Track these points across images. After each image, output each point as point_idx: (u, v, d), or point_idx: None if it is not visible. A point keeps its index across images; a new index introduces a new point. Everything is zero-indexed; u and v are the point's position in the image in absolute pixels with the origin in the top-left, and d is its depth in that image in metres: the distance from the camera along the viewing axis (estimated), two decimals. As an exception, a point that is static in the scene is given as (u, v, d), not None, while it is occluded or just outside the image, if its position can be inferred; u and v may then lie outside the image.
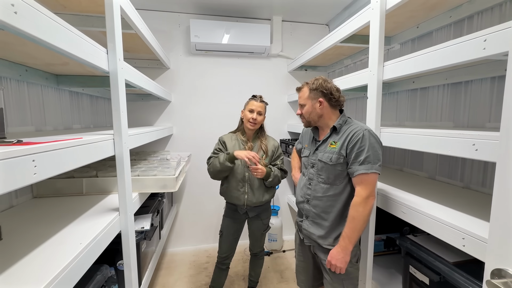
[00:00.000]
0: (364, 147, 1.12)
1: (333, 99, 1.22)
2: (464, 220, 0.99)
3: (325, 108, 1.23)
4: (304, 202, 1.30)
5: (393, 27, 1.70)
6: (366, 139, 1.12)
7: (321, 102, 1.22)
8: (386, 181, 1.56)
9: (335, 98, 1.22)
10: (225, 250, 1.76)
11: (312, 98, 1.25)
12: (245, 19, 2.66)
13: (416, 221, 1.11)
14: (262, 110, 1.66)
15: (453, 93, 1.46)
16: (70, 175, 1.38)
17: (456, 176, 1.47)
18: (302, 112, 1.30)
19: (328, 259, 1.17)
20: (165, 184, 1.43)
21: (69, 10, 1.38)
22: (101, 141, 0.94)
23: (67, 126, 1.64)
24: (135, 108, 2.56)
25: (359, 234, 1.13)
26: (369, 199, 1.11)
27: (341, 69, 2.67)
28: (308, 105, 1.27)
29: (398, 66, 1.19)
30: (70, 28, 0.77)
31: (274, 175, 1.62)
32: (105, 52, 1.00)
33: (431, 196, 1.27)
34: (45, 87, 1.43)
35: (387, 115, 1.97)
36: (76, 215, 1.10)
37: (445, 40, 1.49)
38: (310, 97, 1.26)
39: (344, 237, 1.13)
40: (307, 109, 1.27)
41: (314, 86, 1.24)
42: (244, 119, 1.68)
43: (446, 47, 0.97)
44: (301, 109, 1.30)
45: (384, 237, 1.66)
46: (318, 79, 1.25)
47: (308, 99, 1.26)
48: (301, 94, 1.30)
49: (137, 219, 1.46)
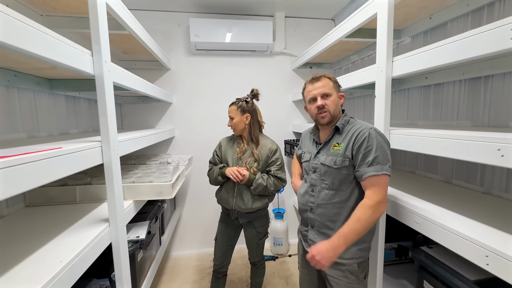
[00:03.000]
0: (372, 147, 1.01)
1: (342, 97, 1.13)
2: (488, 233, 0.87)
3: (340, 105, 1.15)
4: (307, 210, 1.20)
5: (403, 18, 1.58)
6: (373, 138, 1.02)
7: (342, 96, 1.13)
8: (397, 186, 1.45)
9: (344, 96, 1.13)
10: (219, 257, 1.71)
11: (337, 90, 1.14)
12: (246, 16, 2.57)
13: (432, 233, 1.00)
14: (232, 114, 1.60)
15: (471, 90, 1.33)
16: (64, 183, 1.34)
17: (475, 180, 1.34)
18: (327, 103, 1.10)
19: (313, 252, 1.01)
20: (161, 191, 1.37)
21: (59, 12, 1.33)
22: (85, 150, 0.87)
23: (63, 131, 1.60)
24: (136, 111, 2.52)
25: (357, 238, 1.00)
26: (381, 205, 1.00)
27: (348, 65, 2.54)
28: (334, 96, 1.12)
29: (409, 61, 1.08)
30: (43, 30, 0.71)
31: (257, 183, 1.53)
32: (90, 54, 0.94)
33: (447, 203, 1.15)
34: (38, 92, 1.39)
35: (397, 114, 1.85)
36: (65, 226, 1.05)
37: (461, 31, 1.36)
38: (336, 88, 1.14)
39: (341, 235, 0.99)
40: (334, 100, 1.11)
41: (334, 79, 1.14)
42: None
43: (464, 38, 0.86)
44: (326, 99, 1.10)
45: (396, 246, 1.54)
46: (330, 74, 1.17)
47: (334, 89, 1.12)
48: (325, 83, 1.11)
49: (133, 228, 1.40)
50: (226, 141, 1.71)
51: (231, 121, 1.60)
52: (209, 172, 1.67)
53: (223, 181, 1.62)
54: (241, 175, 1.50)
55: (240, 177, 1.50)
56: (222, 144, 1.71)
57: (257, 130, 1.64)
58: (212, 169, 1.65)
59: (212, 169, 1.66)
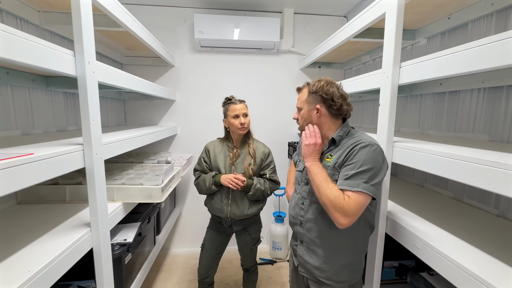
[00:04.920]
0: (359, 161, 0.92)
1: (333, 107, 1.02)
2: (497, 270, 0.77)
3: (323, 116, 1.05)
4: (297, 224, 1.13)
5: (418, 18, 1.44)
6: (365, 153, 0.93)
7: (318, 109, 1.04)
8: (401, 200, 1.34)
9: (336, 106, 1.02)
10: (205, 266, 1.62)
11: (309, 103, 1.08)
12: (253, 12, 2.48)
13: (433, 262, 0.90)
14: (246, 111, 1.54)
15: (491, 100, 1.19)
16: (55, 181, 1.34)
17: (489, 200, 1.21)
18: (299, 116, 1.14)
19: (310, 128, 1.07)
20: (150, 194, 1.34)
21: (54, 8, 1.31)
22: (62, 155, 0.84)
23: (61, 128, 1.60)
24: (140, 107, 2.52)
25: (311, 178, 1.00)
26: (346, 219, 0.88)
27: (358, 66, 2.40)
28: (304, 110, 1.10)
29: (418, 68, 0.97)
30: (9, 30, 0.67)
31: (256, 188, 1.48)
32: (72, 55, 0.90)
33: (455, 226, 1.04)
34: (33, 89, 1.39)
35: (408, 121, 1.71)
36: (48, 227, 1.04)
37: (484, 34, 1.22)
38: (308, 101, 1.08)
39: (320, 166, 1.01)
40: (303, 114, 1.11)
41: (314, 88, 1.05)
42: (230, 128, 1.55)
43: (482, 45, 0.73)
44: (298, 113, 1.15)
45: (396, 264, 1.44)
46: (321, 80, 1.07)
47: (305, 102, 1.10)
48: (299, 96, 1.15)
49: (122, 229, 1.39)
50: (214, 146, 1.61)
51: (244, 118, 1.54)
52: (198, 181, 1.55)
53: (216, 190, 1.53)
54: (242, 182, 1.45)
55: (241, 185, 1.45)
56: (210, 149, 1.60)
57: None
58: (203, 178, 1.53)
59: (201, 177, 1.55)
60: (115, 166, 1.67)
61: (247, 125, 1.52)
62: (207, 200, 1.63)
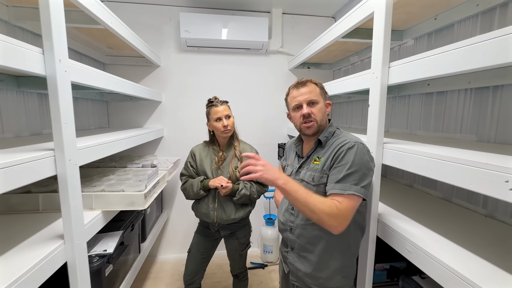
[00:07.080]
0: (347, 163, 0.89)
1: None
2: (487, 273, 0.75)
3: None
4: (287, 230, 1.09)
5: (405, 18, 1.43)
6: (352, 154, 0.90)
7: (329, 104, 1.01)
8: (391, 202, 1.33)
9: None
10: (190, 271, 1.57)
11: (324, 98, 1.02)
12: (241, 12, 2.43)
13: (425, 267, 0.88)
14: (228, 112, 1.49)
15: (478, 100, 1.19)
16: (27, 189, 1.24)
17: (478, 200, 1.21)
18: (314, 111, 0.99)
19: (251, 162, 0.91)
20: (133, 201, 1.27)
21: (25, 3, 1.22)
22: (28, 162, 0.76)
23: (35, 132, 1.50)
24: (124, 109, 2.41)
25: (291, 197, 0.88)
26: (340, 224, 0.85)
27: (347, 67, 2.40)
28: (321, 104, 1.00)
29: (407, 68, 0.95)
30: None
31: (241, 194, 1.44)
32: (40, 52, 0.83)
33: (445, 228, 1.03)
34: (2, 90, 1.28)
35: (396, 122, 1.71)
36: (17, 240, 0.95)
37: (469, 34, 1.22)
38: (322, 95, 1.02)
39: (291, 181, 0.89)
40: (321, 108, 0.99)
41: (321, 85, 1.02)
42: (215, 131, 1.51)
43: (470, 45, 0.72)
44: (312, 107, 0.99)
45: (388, 266, 1.42)
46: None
47: (320, 96, 1.01)
48: (311, 89, 1.00)
49: (102, 239, 1.30)
50: (199, 150, 1.56)
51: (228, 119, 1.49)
52: (185, 186, 1.50)
53: (205, 195, 1.49)
54: (226, 183, 1.41)
55: (225, 185, 1.41)
56: (196, 153, 1.55)
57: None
58: (190, 183, 1.48)
59: (188, 182, 1.50)
60: (95, 171, 1.57)
61: (230, 127, 1.47)
62: (193, 205, 1.58)
